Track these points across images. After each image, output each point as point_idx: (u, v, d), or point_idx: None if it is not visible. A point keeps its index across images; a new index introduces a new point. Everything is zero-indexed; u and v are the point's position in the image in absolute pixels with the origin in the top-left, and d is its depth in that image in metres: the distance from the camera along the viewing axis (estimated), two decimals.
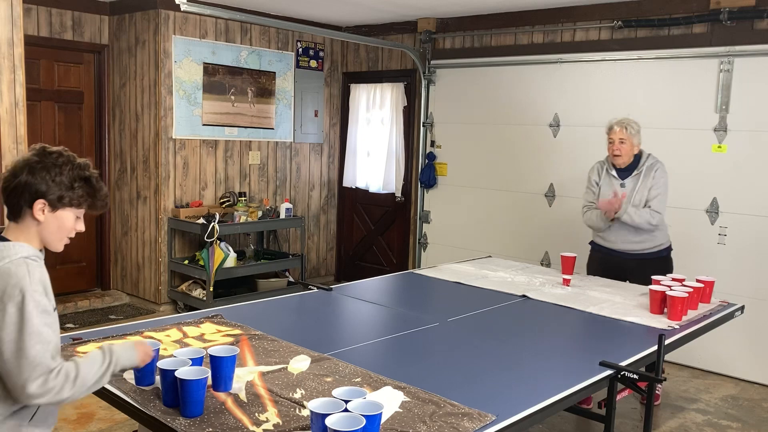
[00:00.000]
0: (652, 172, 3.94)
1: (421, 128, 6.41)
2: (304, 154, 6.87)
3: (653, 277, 3.53)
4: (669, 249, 4.12)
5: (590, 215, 4.09)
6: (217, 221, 5.46)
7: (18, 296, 1.68)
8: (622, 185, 3.97)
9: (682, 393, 4.41)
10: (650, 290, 3.27)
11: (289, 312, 3.24)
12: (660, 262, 3.99)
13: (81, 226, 1.88)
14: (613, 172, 4.05)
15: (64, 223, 1.83)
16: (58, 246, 1.86)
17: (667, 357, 3.08)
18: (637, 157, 4.02)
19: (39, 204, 1.77)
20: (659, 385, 4.09)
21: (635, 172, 3.98)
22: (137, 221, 5.96)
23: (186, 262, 5.76)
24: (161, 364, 2.01)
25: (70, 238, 1.89)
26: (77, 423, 3.62)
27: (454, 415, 1.97)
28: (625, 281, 3.99)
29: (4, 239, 1.79)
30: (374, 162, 6.92)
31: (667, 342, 2.72)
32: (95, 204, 1.87)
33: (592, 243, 4.27)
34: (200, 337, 2.58)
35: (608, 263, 4.09)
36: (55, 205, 1.79)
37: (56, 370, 1.71)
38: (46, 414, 1.88)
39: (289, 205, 6.23)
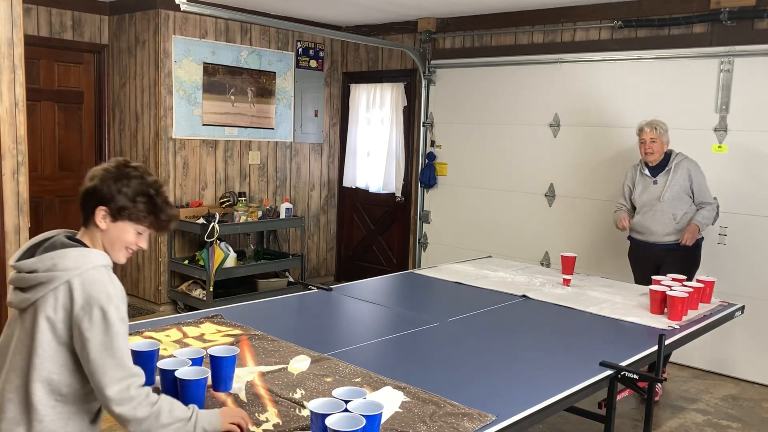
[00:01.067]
0: (682, 168, 4.24)
1: (421, 128, 6.41)
2: (304, 154, 6.86)
3: (653, 277, 3.53)
4: (700, 239, 4.32)
5: (615, 216, 4.49)
6: (217, 221, 5.46)
7: (105, 301, 1.71)
8: (655, 182, 4.29)
9: (682, 393, 4.41)
10: (650, 290, 3.27)
11: (289, 312, 3.24)
12: (689, 251, 4.25)
13: (143, 244, 1.88)
14: (646, 171, 4.35)
15: (123, 236, 1.83)
16: (117, 257, 1.86)
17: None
18: (667, 155, 4.32)
19: (101, 211, 1.79)
20: (663, 374, 4.17)
21: (666, 169, 4.27)
22: None
23: (186, 262, 5.76)
24: (161, 364, 2.01)
25: (134, 252, 1.89)
26: None
27: (454, 415, 1.96)
28: (657, 270, 4.19)
29: (83, 243, 1.81)
30: (374, 162, 6.92)
31: (667, 342, 2.72)
32: (157, 223, 1.86)
33: (629, 237, 4.54)
34: (200, 337, 2.58)
35: (643, 255, 4.41)
36: (115, 215, 1.80)
37: (139, 381, 1.72)
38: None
39: (289, 205, 6.23)
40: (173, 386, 1.94)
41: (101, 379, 1.69)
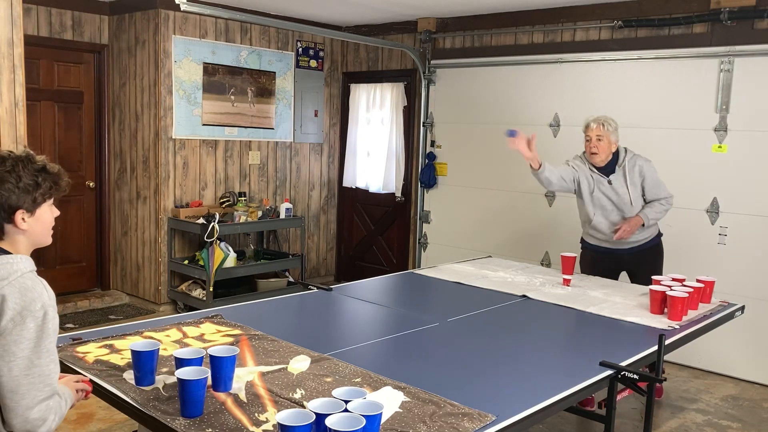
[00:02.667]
0: (635, 167, 3.96)
1: (421, 128, 6.41)
2: (304, 154, 6.86)
3: (653, 277, 3.53)
4: (659, 235, 4.19)
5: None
6: (217, 221, 5.46)
7: (40, 312, 1.66)
8: (609, 182, 3.98)
9: (682, 393, 4.41)
10: (650, 290, 3.27)
11: (289, 312, 3.24)
12: (653, 250, 4.10)
13: (56, 211, 1.86)
14: (596, 172, 4.01)
15: (46, 219, 1.82)
16: (47, 240, 1.85)
17: (667, 357, 3.08)
18: (615, 155, 4.02)
19: (19, 215, 1.75)
20: (663, 374, 4.12)
21: (617, 170, 3.98)
22: (137, 221, 5.95)
23: (186, 262, 5.76)
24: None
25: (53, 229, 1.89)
26: (77, 423, 3.62)
27: (454, 415, 1.96)
28: (618, 275, 4.11)
29: (4, 251, 1.76)
30: (374, 162, 6.92)
31: (667, 342, 2.71)
32: (61, 187, 1.84)
33: (582, 241, 4.29)
34: (200, 337, 2.58)
35: (602, 260, 4.13)
36: (31, 209, 1.77)
37: (57, 398, 1.70)
38: None
39: (289, 205, 6.23)
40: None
41: (21, 401, 1.62)
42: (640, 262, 4.02)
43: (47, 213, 1.82)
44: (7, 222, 1.75)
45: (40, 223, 1.79)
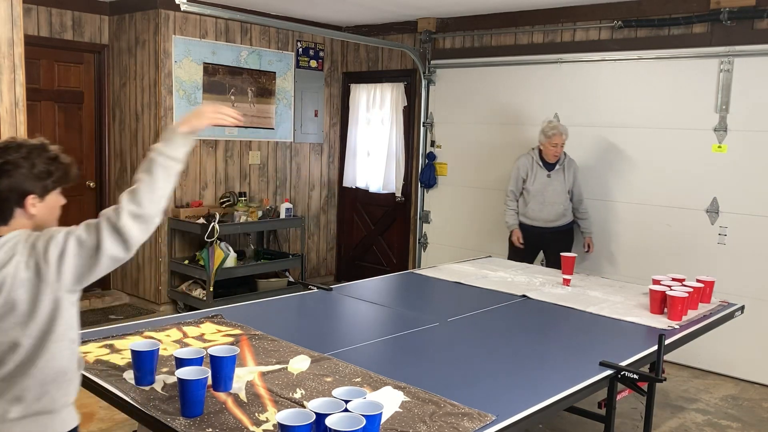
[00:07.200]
0: (571, 168, 4.98)
1: (421, 128, 6.41)
2: (304, 154, 6.87)
3: (653, 277, 3.53)
4: (573, 222, 5.10)
5: (510, 214, 5.07)
6: (217, 221, 5.46)
7: (58, 230, 1.74)
8: (548, 175, 4.92)
9: (682, 393, 4.41)
10: (650, 290, 3.27)
11: (289, 312, 3.24)
12: (568, 232, 5.05)
13: (62, 200, 1.91)
14: (542, 164, 4.94)
15: (55, 205, 1.87)
16: (54, 224, 1.89)
17: (667, 357, 3.08)
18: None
19: (30, 200, 1.79)
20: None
21: (558, 167, 4.93)
22: None
23: (186, 262, 5.76)
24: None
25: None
26: None
27: (454, 415, 1.97)
28: (539, 250, 5.06)
29: None
30: (374, 162, 6.92)
31: (667, 342, 2.72)
32: (71, 177, 1.90)
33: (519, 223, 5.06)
34: (200, 337, 2.58)
35: (528, 236, 5.00)
36: (42, 195, 1.82)
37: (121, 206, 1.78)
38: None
39: (289, 205, 6.23)
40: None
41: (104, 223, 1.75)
42: (558, 239, 4.93)
43: (56, 200, 1.87)
44: (18, 206, 1.79)
45: (48, 209, 1.85)
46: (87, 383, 2.16)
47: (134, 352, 2.09)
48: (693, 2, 4.82)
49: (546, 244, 5.02)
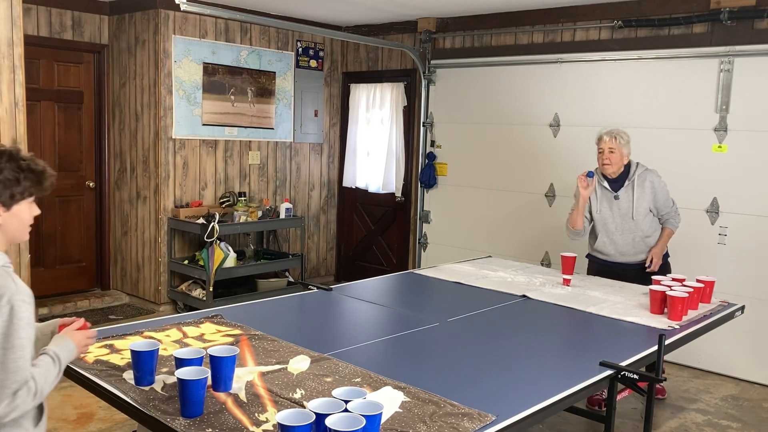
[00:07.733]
0: (646, 181, 3.95)
1: (421, 128, 6.41)
2: (304, 154, 6.86)
3: (653, 277, 3.53)
4: (667, 255, 4.15)
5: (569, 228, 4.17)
6: (217, 221, 5.46)
7: (6, 307, 1.63)
8: (616, 197, 3.98)
9: (682, 393, 4.41)
10: (650, 290, 3.27)
11: (289, 312, 3.24)
12: (660, 268, 3.98)
13: (36, 210, 1.83)
14: (605, 184, 4.01)
15: (23, 217, 1.79)
16: (24, 237, 1.82)
17: (667, 357, 3.08)
18: (627, 168, 4.00)
19: None
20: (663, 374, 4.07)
21: (627, 183, 3.97)
22: (137, 221, 5.95)
23: (186, 262, 5.76)
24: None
25: (32, 227, 1.86)
26: (77, 423, 3.62)
27: (454, 415, 1.96)
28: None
29: None
30: (374, 162, 6.92)
31: (667, 342, 2.72)
32: (44, 188, 1.81)
33: (589, 256, 4.26)
34: (200, 337, 2.58)
35: (608, 274, 4.08)
36: (8, 204, 1.74)
37: (25, 387, 1.65)
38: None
39: (289, 205, 6.23)
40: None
41: None
42: (646, 279, 3.79)
43: (25, 211, 1.79)
44: None
45: (16, 220, 1.76)
46: (87, 383, 2.16)
47: (134, 353, 2.09)
48: (693, 2, 4.82)
49: (632, 281, 3.95)
